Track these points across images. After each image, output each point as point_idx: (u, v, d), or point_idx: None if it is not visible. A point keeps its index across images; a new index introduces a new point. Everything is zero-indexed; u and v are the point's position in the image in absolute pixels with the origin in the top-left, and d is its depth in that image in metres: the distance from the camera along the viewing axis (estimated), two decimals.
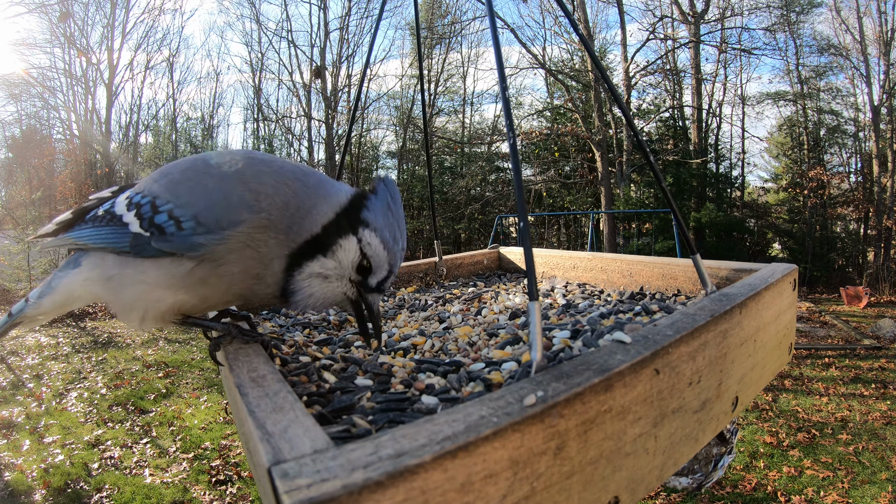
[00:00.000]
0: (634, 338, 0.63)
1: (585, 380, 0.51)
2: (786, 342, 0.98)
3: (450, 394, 0.65)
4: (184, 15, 21.27)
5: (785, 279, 0.93)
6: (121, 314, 0.78)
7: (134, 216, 0.75)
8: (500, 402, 0.47)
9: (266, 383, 0.59)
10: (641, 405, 0.57)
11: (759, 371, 0.87)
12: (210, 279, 0.72)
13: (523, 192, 0.64)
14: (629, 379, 0.55)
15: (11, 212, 12.74)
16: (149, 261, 0.73)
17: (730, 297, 0.79)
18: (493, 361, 0.75)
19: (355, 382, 0.71)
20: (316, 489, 0.36)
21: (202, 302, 0.76)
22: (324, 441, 0.43)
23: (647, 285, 1.17)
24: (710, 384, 0.71)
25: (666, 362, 0.61)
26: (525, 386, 0.51)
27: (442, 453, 0.40)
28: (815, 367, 6.77)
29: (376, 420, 0.58)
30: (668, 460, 0.63)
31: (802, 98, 16.03)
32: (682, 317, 0.70)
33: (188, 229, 0.70)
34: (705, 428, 0.71)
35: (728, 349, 0.74)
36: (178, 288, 0.73)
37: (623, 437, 0.55)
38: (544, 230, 17.23)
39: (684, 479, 1.62)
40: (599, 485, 0.53)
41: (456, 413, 0.45)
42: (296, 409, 0.51)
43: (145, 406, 5.58)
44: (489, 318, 1.04)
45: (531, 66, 16.16)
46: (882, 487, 3.86)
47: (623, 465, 0.56)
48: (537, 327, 0.58)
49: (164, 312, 0.75)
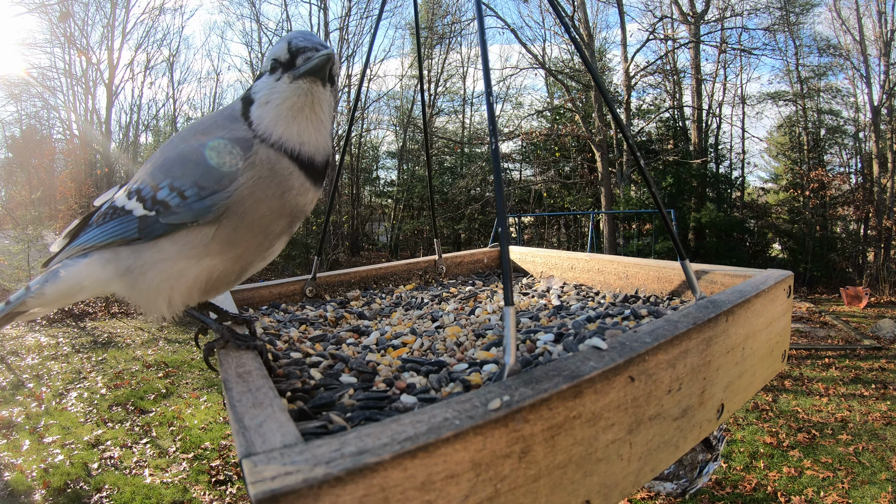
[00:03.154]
0: (611, 344, 0.63)
1: (553, 386, 0.52)
2: (779, 350, 0.96)
3: (429, 393, 0.65)
4: (184, 15, 21.26)
5: (778, 286, 0.92)
6: (145, 304, 0.77)
7: (136, 201, 0.76)
8: (466, 405, 0.48)
9: (251, 379, 0.60)
10: (614, 412, 0.57)
11: (748, 379, 0.86)
12: (238, 236, 0.73)
13: (503, 197, 0.65)
14: (600, 386, 0.55)
15: (11, 212, 12.75)
16: (163, 239, 0.73)
17: (717, 304, 0.78)
18: (476, 362, 0.75)
19: (339, 379, 0.72)
20: (279, 482, 0.37)
21: (234, 264, 0.76)
22: (294, 436, 0.45)
23: (643, 288, 1.17)
24: (691, 392, 0.70)
25: (642, 370, 0.61)
26: (493, 390, 0.51)
27: (402, 453, 0.41)
28: (815, 367, 6.76)
29: (354, 417, 0.59)
30: (644, 466, 0.63)
31: (802, 98, 16.03)
32: (664, 324, 0.70)
33: (192, 196, 0.71)
34: (686, 435, 0.71)
35: (712, 357, 0.74)
36: (202, 256, 0.73)
37: (594, 442, 0.55)
38: (544, 230, 17.22)
39: (669, 485, 1.63)
40: (569, 488, 0.53)
41: (421, 414, 0.47)
42: (274, 404, 0.52)
43: (145, 406, 5.58)
44: (481, 318, 1.04)
45: (531, 66, 16.17)
46: (882, 488, 3.86)
47: (595, 471, 0.56)
48: (512, 331, 0.59)
49: (190, 287, 0.75)
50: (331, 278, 1.35)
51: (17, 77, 16.52)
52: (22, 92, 16.82)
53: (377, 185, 20.76)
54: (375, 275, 1.44)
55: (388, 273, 1.46)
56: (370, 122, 19.57)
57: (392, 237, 19.21)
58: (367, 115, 19.06)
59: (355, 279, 1.40)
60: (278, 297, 1.25)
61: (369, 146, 20.20)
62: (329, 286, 1.34)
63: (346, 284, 1.38)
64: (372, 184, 20.59)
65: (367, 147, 20.02)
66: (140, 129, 19.08)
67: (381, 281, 1.44)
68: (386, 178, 21.03)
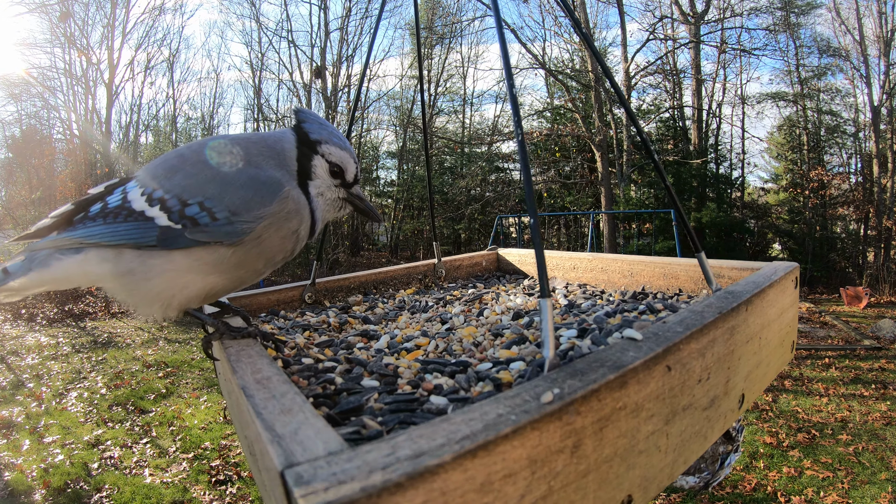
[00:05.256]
0: (645, 335, 0.62)
1: (601, 376, 0.51)
2: (788, 340, 0.98)
3: (459, 394, 0.64)
4: (184, 15, 21.26)
5: (787, 277, 0.94)
6: (140, 306, 0.79)
7: (159, 210, 0.77)
8: (517, 399, 0.47)
9: (272, 385, 0.58)
10: (654, 402, 0.57)
11: (764, 368, 0.87)
12: (248, 259, 0.78)
13: (533, 189, 0.64)
14: (642, 376, 0.55)
15: (11, 212, 12.74)
16: (178, 251, 0.76)
17: (736, 294, 0.79)
18: (501, 361, 0.75)
19: (361, 384, 0.71)
20: (334, 492, 0.35)
21: (233, 283, 0.82)
22: (337, 443, 0.42)
23: (649, 285, 1.17)
24: (718, 381, 0.71)
25: (677, 359, 0.61)
26: (540, 384, 0.50)
27: (462, 453, 0.39)
28: (815, 367, 6.76)
29: (386, 421, 0.57)
30: (678, 458, 0.63)
31: (802, 98, 16.02)
32: (690, 314, 0.70)
33: (223, 219, 0.75)
34: (713, 425, 0.71)
35: (735, 346, 0.74)
36: (209, 273, 0.77)
37: (637, 434, 0.55)
38: (544, 230, 17.22)
39: (691, 478, 1.61)
40: (614, 483, 0.53)
41: (472, 412, 0.45)
42: (305, 410, 0.50)
43: (145, 406, 5.58)
44: (491, 318, 1.04)
45: (531, 66, 16.15)
46: (882, 488, 3.86)
47: (637, 463, 0.56)
48: (549, 324, 0.57)
49: (191, 298, 0.79)
50: (330, 284, 1.35)
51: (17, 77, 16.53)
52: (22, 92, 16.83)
53: (377, 185, 20.75)
54: (375, 279, 1.44)
55: (388, 277, 1.46)
56: (370, 122, 19.60)
57: (392, 237, 19.20)
58: (367, 116, 19.08)
59: (354, 284, 1.39)
60: (276, 303, 1.23)
61: (369, 146, 20.19)
62: (328, 292, 1.34)
63: (345, 290, 1.37)
64: (372, 184, 20.58)
65: (367, 147, 20.01)
66: (140, 129, 19.10)
67: (381, 286, 1.44)
68: (386, 179, 21.04)
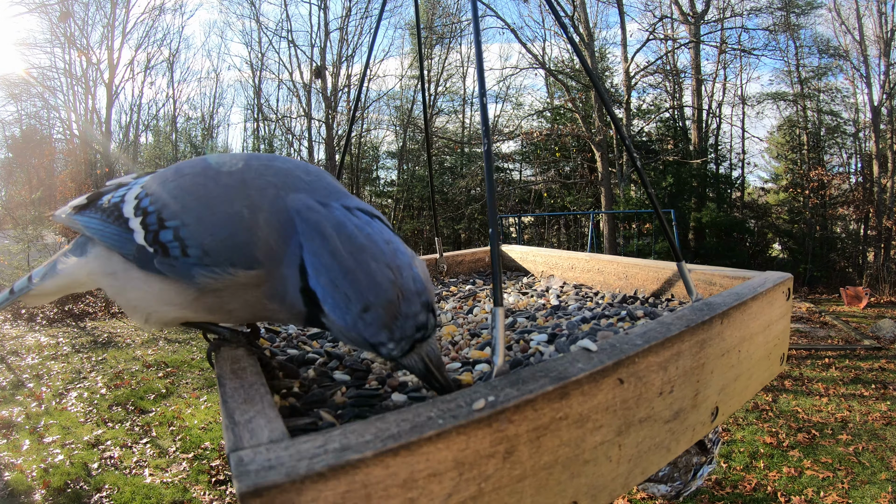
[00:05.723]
0: (601, 346, 0.62)
1: (539, 387, 0.52)
2: (777, 352, 0.95)
3: (420, 392, 0.66)
4: (184, 15, 21.25)
5: (777, 288, 0.91)
6: (125, 310, 0.78)
7: (140, 224, 0.68)
8: (451, 404, 0.49)
9: (245, 375, 0.61)
10: (603, 414, 0.57)
11: (745, 382, 0.85)
12: (215, 309, 0.68)
13: (495, 200, 0.65)
14: (588, 387, 0.55)
15: (11, 212, 12.74)
16: (154, 275, 0.67)
17: (712, 306, 0.77)
18: (469, 361, 0.76)
19: (333, 377, 0.73)
20: (263, 475, 0.38)
21: (207, 317, 0.73)
22: (281, 432, 0.46)
23: (643, 288, 1.17)
24: (684, 394, 0.70)
25: (631, 372, 0.60)
26: (479, 390, 0.51)
27: (384, 450, 0.41)
28: (815, 367, 6.76)
29: (344, 414, 0.60)
30: (634, 469, 0.63)
31: (802, 98, 16.03)
32: (656, 325, 0.69)
33: (193, 257, 0.62)
34: (679, 438, 0.70)
35: (706, 359, 0.73)
36: (182, 308, 0.68)
37: (582, 444, 0.55)
38: (544, 230, 17.21)
39: (663, 487, 1.63)
40: (555, 489, 0.53)
41: (407, 413, 0.47)
42: (264, 401, 0.53)
43: (145, 406, 5.58)
44: (479, 316, 1.04)
45: (531, 66, 16.16)
46: (882, 488, 3.86)
47: (582, 472, 0.56)
48: (501, 332, 0.59)
49: (167, 322, 0.74)
50: None
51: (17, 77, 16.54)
52: (22, 92, 16.84)
53: (377, 185, 20.75)
54: None
55: None
56: (370, 122, 19.58)
57: None
58: (367, 115, 19.08)
59: None
60: None
61: (369, 146, 20.19)
62: None
63: None
64: (372, 184, 20.58)
65: (367, 147, 20.01)
66: (140, 129, 19.09)
67: None
68: (386, 178, 21.03)
